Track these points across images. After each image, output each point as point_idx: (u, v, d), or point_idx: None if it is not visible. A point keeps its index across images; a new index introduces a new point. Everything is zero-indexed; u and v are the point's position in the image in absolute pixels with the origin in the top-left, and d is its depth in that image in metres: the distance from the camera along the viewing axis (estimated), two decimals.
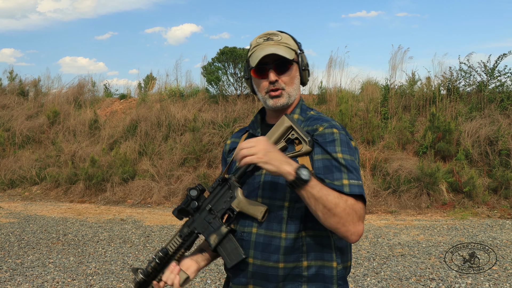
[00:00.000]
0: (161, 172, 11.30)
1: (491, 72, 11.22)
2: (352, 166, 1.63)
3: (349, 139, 1.72)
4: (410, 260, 5.98)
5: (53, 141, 13.58)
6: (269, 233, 1.70)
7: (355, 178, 1.61)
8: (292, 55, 1.82)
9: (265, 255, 1.69)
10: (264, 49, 1.78)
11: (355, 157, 1.68)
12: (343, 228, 1.57)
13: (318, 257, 1.69)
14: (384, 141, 10.80)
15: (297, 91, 1.87)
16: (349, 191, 1.57)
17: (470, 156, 9.89)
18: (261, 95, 1.85)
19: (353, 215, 1.56)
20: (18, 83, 17.05)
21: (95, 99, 16.17)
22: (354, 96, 12.42)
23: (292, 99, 1.84)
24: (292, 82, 1.83)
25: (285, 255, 1.67)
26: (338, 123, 1.76)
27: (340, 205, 1.54)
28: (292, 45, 1.85)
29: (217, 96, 13.70)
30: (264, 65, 1.79)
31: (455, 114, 10.83)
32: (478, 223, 7.98)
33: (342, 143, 1.67)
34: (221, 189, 1.79)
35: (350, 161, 1.64)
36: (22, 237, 7.63)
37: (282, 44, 1.81)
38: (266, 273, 1.69)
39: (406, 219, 8.46)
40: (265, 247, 1.70)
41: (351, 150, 1.68)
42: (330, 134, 1.69)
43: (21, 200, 11.60)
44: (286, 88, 1.81)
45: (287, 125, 1.71)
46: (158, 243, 7.12)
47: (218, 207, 1.77)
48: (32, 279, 5.52)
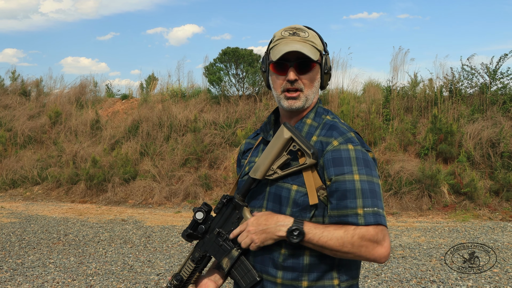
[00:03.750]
0: (163, 173, 11.30)
1: (493, 74, 11.20)
2: (369, 189, 1.53)
3: (366, 152, 1.62)
4: (411, 262, 5.96)
5: (55, 141, 13.59)
6: (267, 248, 1.64)
7: (370, 205, 1.51)
8: (317, 55, 1.69)
9: (264, 269, 1.66)
10: (288, 44, 1.65)
11: (372, 174, 1.57)
12: (363, 258, 1.52)
13: (320, 276, 1.61)
14: (386, 143, 10.79)
15: (316, 94, 1.74)
16: (364, 223, 1.49)
17: (472, 158, 9.87)
18: (276, 93, 1.72)
19: (367, 244, 1.49)
20: (20, 83, 17.08)
21: (97, 99, 16.18)
22: (356, 97, 12.41)
23: (309, 102, 1.71)
24: (312, 85, 1.70)
25: (283, 271, 1.62)
26: (354, 134, 1.66)
27: (346, 244, 1.49)
28: (318, 45, 1.72)
29: (219, 96, 13.69)
30: (285, 61, 1.67)
31: (457, 116, 10.81)
32: (479, 225, 7.96)
33: (359, 161, 1.57)
34: (226, 209, 1.74)
35: (367, 182, 1.53)
36: (23, 237, 7.63)
37: (308, 42, 1.68)
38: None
39: (408, 221, 8.44)
40: (263, 261, 1.66)
41: (368, 169, 1.56)
42: (345, 151, 1.58)
43: (23, 200, 11.61)
44: (304, 90, 1.68)
45: (286, 136, 1.62)
46: (159, 244, 7.11)
47: (226, 229, 1.72)
48: (33, 279, 5.52)
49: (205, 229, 1.75)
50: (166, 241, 7.27)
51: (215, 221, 1.76)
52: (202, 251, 1.77)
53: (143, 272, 5.73)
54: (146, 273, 5.71)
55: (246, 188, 1.70)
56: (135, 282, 5.36)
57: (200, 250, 1.77)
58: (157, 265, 6.01)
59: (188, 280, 1.80)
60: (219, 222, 1.74)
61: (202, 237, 1.77)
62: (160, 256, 6.46)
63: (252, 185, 1.69)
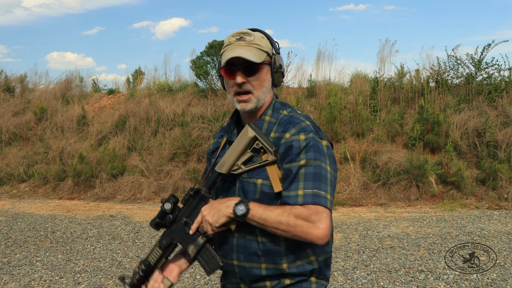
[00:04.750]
0: (151, 168, 11.25)
1: (478, 64, 11.26)
2: (314, 173, 1.63)
3: (319, 139, 1.71)
4: (399, 252, 5.99)
5: (41, 138, 13.46)
6: (247, 237, 1.77)
7: (311, 187, 1.61)
8: (262, 57, 1.78)
9: (247, 257, 1.77)
10: (233, 50, 1.76)
11: (321, 159, 1.66)
12: (300, 238, 1.61)
13: (297, 257, 1.74)
14: (374, 134, 10.82)
15: (267, 93, 1.84)
16: (300, 202, 1.59)
17: (459, 148, 9.93)
18: (231, 96, 1.85)
19: (301, 224, 1.58)
20: (4, 79, 16.83)
21: (83, 94, 16.03)
22: (343, 89, 12.42)
23: (262, 102, 1.82)
24: (261, 85, 1.80)
25: (264, 256, 1.75)
26: (307, 122, 1.76)
27: (283, 222, 1.59)
28: (265, 46, 1.81)
29: (206, 90, 13.63)
30: (232, 66, 1.78)
31: (443, 106, 10.86)
32: (466, 214, 8.02)
33: (308, 148, 1.66)
34: (193, 201, 1.85)
35: (313, 167, 1.64)
36: (9, 235, 7.56)
37: (253, 46, 1.77)
38: (251, 274, 1.78)
39: (396, 211, 8.48)
40: (245, 250, 1.77)
41: (317, 154, 1.66)
42: (296, 141, 1.68)
43: (9, 198, 11.49)
44: (254, 91, 1.79)
45: (250, 135, 1.75)
46: (148, 239, 7.08)
47: (192, 219, 1.82)
48: (19, 277, 5.47)
49: (173, 218, 1.86)
50: (155, 236, 7.24)
51: (182, 211, 1.86)
52: (169, 238, 1.87)
53: (131, 268, 5.70)
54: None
55: (212, 181, 1.82)
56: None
57: (167, 238, 1.88)
58: None
59: (155, 265, 1.90)
60: (186, 212, 1.85)
61: (169, 226, 1.88)
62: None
63: (217, 178, 1.81)
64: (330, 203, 1.62)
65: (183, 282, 5.14)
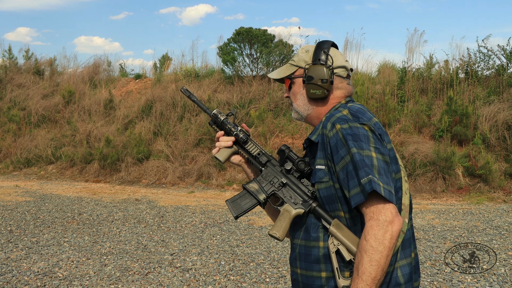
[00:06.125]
0: (176, 153, 11.33)
1: (510, 56, 11.01)
2: (360, 162, 1.52)
3: (356, 125, 1.61)
4: (425, 244, 5.94)
5: (69, 121, 13.66)
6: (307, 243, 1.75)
7: (355, 185, 1.52)
8: (289, 71, 1.86)
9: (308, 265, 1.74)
10: (275, 70, 1.94)
11: (363, 147, 1.55)
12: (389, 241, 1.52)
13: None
14: (401, 124, 10.69)
15: (306, 106, 1.83)
16: (353, 204, 1.53)
17: (487, 140, 9.75)
18: None
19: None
20: (34, 62, 17.11)
21: (110, 78, 16.19)
22: (371, 78, 12.28)
23: (302, 114, 1.85)
24: (295, 98, 1.86)
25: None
26: (343, 111, 1.69)
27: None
28: (298, 60, 1.84)
29: (232, 77, 13.63)
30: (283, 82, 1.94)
31: (472, 98, 10.65)
32: (493, 208, 7.90)
33: (347, 138, 1.57)
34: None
35: (357, 155, 1.54)
36: (37, 215, 7.71)
37: (288, 63, 1.88)
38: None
39: (421, 203, 8.39)
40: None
41: (356, 142, 1.56)
42: (334, 136, 1.62)
43: (37, 179, 11.72)
44: (293, 103, 1.88)
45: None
46: (173, 224, 7.15)
47: (274, 179, 1.82)
48: (48, 257, 5.58)
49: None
50: (179, 221, 7.30)
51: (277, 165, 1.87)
52: (265, 159, 1.86)
53: (157, 252, 5.76)
54: (160, 252, 5.74)
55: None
56: (149, 262, 5.39)
57: (264, 158, 1.87)
58: (171, 245, 6.04)
59: (232, 131, 1.93)
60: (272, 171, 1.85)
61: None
62: (174, 236, 6.50)
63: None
64: (384, 190, 1.49)
65: (208, 267, 5.18)
